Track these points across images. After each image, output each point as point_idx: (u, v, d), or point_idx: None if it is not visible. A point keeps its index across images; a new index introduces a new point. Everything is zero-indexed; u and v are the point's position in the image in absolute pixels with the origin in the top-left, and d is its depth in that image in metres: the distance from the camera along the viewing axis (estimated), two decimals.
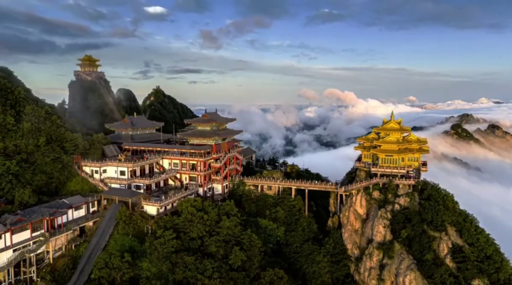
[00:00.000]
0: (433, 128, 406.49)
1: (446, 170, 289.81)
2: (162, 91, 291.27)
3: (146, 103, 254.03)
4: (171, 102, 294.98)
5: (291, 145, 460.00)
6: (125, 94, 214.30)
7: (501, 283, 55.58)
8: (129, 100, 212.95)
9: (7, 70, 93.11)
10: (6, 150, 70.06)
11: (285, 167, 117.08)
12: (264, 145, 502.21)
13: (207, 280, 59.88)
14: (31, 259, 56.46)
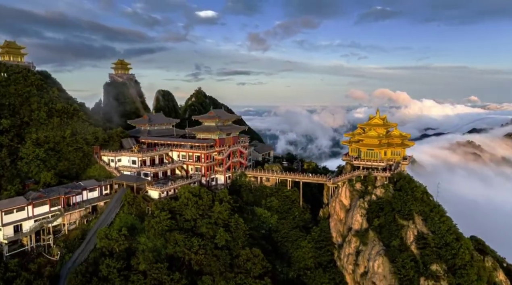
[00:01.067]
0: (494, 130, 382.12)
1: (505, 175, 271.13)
2: (203, 92, 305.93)
3: (187, 103, 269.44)
4: (212, 103, 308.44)
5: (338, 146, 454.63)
6: (163, 95, 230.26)
7: (457, 268, 57.71)
8: (167, 100, 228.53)
9: (46, 73, 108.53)
10: (38, 140, 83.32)
11: (301, 163, 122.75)
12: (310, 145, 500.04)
13: (193, 255, 68.04)
14: (49, 229, 68.19)
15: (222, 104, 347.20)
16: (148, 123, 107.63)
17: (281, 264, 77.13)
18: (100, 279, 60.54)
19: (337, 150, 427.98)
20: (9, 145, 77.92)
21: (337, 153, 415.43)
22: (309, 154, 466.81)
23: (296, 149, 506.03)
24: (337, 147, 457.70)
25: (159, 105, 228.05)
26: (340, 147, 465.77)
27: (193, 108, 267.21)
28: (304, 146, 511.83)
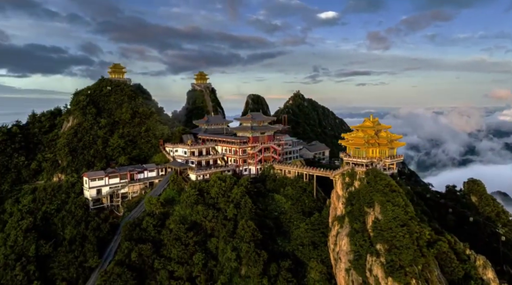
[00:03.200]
0: None
1: None
2: (301, 95, 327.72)
3: (284, 106, 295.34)
4: (311, 105, 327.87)
5: (473, 153, 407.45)
6: (253, 99, 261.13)
7: (393, 248, 66.11)
8: (256, 103, 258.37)
9: (138, 86, 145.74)
10: (123, 134, 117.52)
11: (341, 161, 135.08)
12: (434, 150, 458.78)
13: (207, 222, 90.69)
14: (118, 194, 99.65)
15: (322, 107, 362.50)
16: (206, 123, 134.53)
17: (283, 240, 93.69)
18: (141, 229, 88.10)
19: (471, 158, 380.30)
20: (103, 137, 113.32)
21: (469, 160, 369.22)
22: (434, 160, 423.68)
23: (418, 153, 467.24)
24: (472, 154, 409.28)
25: (248, 109, 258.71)
26: (476, 154, 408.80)
27: (287, 111, 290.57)
28: (428, 151, 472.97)
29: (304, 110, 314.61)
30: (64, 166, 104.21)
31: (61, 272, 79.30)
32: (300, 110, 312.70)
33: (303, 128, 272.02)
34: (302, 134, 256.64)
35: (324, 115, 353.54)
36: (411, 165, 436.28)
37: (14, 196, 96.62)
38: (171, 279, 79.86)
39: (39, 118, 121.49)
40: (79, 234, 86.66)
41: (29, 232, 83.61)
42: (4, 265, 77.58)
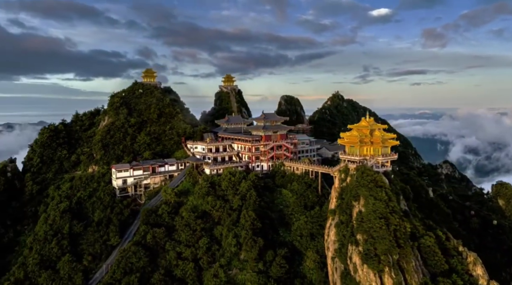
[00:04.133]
0: None
1: None
2: (340, 95, 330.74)
3: (322, 107, 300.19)
4: (350, 106, 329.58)
5: None
6: (286, 100, 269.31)
7: (370, 238, 70.74)
8: (289, 104, 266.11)
9: (168, 88, 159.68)
10: (149, 132, 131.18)
11: None
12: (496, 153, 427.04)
13: (215, 211, 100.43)
14: (141, 184, 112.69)
15: (363, 107, 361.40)
16: (226, 123, 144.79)
17: (284, 231, 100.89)
18: (157, 215, 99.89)
19: None
20: (132, 134, 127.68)
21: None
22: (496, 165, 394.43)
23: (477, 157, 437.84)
24: None
25: (280, 109, 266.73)
26: None
27: (323, 111, 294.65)
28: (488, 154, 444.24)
29: (342, 111, 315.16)
30: (97, 159, 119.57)
31: (88, 248, 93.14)
32: (338, 111, 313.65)
33: (339, 129, 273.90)
34: (337, 135, 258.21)
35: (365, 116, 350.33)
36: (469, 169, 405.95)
37: (56, 183, 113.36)
38: (179, 259, 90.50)
39: (81, 118, 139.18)
40: (105, 217, 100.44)
41: (65, 213, 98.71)
42: (44, 239, 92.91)
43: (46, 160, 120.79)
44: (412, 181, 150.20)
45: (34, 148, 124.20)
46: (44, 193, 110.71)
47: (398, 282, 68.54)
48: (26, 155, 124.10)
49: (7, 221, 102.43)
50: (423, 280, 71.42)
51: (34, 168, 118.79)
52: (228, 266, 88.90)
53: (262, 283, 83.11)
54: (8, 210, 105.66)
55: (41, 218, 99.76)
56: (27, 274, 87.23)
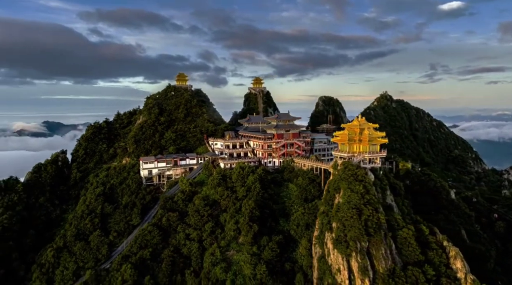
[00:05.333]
0: None
1: None
2: (388, 96, 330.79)
3: (369, 107, 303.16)
4: (400, 106, 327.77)
5: None
6: (324, 101, 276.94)
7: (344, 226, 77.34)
8: (327, 105, 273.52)
9: (198, 91, 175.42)
10: (176, 129, 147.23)
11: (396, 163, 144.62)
12: None
13: (222, 200, 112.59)
14: (164, 175, 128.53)
15: (416, 108, 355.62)
16: (247, 122, 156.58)
17: (284, 221, 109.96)
18: (173, 201, 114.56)
19: None
20: (160, 131, 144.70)
21: None
22: None
23: None
24: None
25: (317, 110, 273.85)
26: None
27: (368, 112, 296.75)
28: None
29: (389, 111, 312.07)
30: (130, 152, 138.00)
31: (114, 226, 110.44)
32: (385, 111, 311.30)
33: (383, 130, 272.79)
34: None
35: (418, 117, 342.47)
36: None
37: (96, 171, 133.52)
38: (187, 239, 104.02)
39: (121, 117, 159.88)
40: (131, 201, 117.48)
41: (99, 197, 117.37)
42: (81, 216, 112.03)
43: (89, 152, 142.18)
44: (432, 182, 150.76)
45: (80, 142, 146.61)
46: (86, 180, 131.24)
47: (363, 266, 75.07)
48: (74, 147, 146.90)
49: (56, 201, 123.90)
50: (391, 266, 76.97)
51: (79, 159, 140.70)
52: (227, 247, 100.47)
53: (253, 263, 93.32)
54: (57, 192, 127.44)
55: (81, 200, 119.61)
56: (66, 243, 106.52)
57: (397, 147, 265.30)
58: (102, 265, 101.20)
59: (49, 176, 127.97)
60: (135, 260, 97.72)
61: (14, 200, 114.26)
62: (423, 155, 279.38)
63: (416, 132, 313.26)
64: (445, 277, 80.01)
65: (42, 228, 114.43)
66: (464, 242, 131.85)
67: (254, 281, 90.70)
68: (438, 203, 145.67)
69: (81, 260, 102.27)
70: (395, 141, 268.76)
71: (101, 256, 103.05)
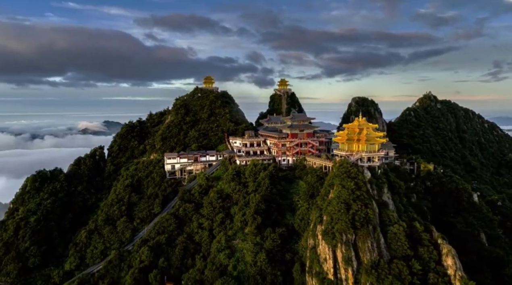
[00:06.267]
0: None
1: None
2: (431, 96, 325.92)
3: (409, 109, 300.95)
4: (446, 107, 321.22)
5: None
6: (357, 101, 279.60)
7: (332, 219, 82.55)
8: (361, 105, 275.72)
9: (224, 93, 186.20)
10: (200, 128, 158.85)
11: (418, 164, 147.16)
12: None
13: (234, 194, 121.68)
14: (186, 170, 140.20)
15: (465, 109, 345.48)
16: (267, 122, 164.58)
17: (290, 215, 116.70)
18: (190, 194, 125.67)
19: None
20: (185, 130, 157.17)
21: None
22: None
23: None
24: None
25: (350, 110, 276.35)
26: None
27: (407, 113, 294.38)
28: None
29: (432, 112, 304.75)
30: (157, 149, 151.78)
31: (138, 213, 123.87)
32: (427, 112, 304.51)
33: (423, 131, 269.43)
34: (418, 138, 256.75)
35: (467, 118, 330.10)
36: None
37: (127, 165, 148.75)
38: (199, 228, 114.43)
39: (153, 117, 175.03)
40: (154, 192, 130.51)
41: (127, 187, 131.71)
42: (110, 204, 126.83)
43: (122, 148, 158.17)
44: (453, 183, 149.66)
45: (116, 138, 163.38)
46: (118, 172, 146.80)
47: (347, 256, 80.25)
48: (110, 143, 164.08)
49: (92, 190, 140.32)
50: (376, 259, 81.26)
51: (113, 154, 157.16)
52: (234, 236, 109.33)
53: (255, 251, 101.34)
54: (93, 182, 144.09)
55: (112, 190, 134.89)
56: (96, 226, 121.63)
57: (438, 149, 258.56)
58: (125, 247, 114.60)
59: (87, 168, 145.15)
60: (153, 243, 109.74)
61: (57, 188, 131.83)
62: (469, 158, 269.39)
63: (464, 134, 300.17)
64: (433, 273, 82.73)
65: (79, 213, 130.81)
66: (482, 245, 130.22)
67: (255, 268, 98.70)
68: (458, 205, 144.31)
69: (108, 241, 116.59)
70: (436, 144, 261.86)
71: (125, 239, 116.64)
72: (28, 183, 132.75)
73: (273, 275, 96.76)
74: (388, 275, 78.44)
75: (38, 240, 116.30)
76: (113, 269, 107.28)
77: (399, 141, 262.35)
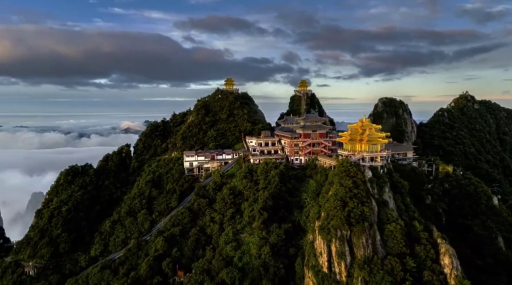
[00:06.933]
0: None
1: None
2: (468, 96, 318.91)
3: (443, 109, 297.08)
4: (485, 108, 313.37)
5: None
6: (384, 102, 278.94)
7: (328, 216, 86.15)
8: (388, 106, 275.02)
9: (244, 94, 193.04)
10: (218, 128, 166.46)
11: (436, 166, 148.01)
12: None
13: (245, 191, 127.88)
14: (203, 167, 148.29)
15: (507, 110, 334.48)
16: (283, 122, 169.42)
17: (298, 212, 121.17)
18: (205, 190, 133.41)
19: None
20: (204, 130, 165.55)
21: None
22: None
23: None
24: None
25: (376, 111, 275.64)
26: None
27: (440, 114, 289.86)
28: None
29: (468, 113, 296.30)
30: (178, 147, 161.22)
31: (157, 207, 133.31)
32: (463, 113, 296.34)
33: (457, 132, 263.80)
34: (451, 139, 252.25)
35: (509, 120, 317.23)
36: None
37: (149, 162, 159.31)
38: (211, 221, 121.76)
39: (176, 117, 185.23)
40: (173, 188, 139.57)
41: (148, 183, 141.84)
42: (133, 197, 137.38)
43: (146, 146, 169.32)
44: (472, 186, 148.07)
45: (141, 137, 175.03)
46: (141, 168, 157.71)
47: (341, 251, 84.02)
48: (136, 142, 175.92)
49: (117, 184, 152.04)
50: (370, 254, 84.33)
51: (138, 151, 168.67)
52: (242, 230, 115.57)
53: (260, 245, 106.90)
54: (119, 177, 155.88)
55: (135, 185, 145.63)
56: (119, 217, 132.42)
57: (472, 151, 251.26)
58: (144, 237, 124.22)
59: (114, 164, 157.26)
60: (167, 234, 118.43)
61: (86, 182, 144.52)
62: (508, 161, 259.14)
63: (505, 136, 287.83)
64: (428, 271, 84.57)
65: (105, 205, 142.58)
66: (499, 249, 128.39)
67: (259, 260, 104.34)
68: (477, 208, 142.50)
69: (129, 231, 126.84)
70: (471, 145, 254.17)
71: (144, 229, 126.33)
72: (62, 176, 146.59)
73: (276, 267, 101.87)
74: (380, 270, 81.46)
75: (69, 228, 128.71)
76: (132, 257, 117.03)
77: (429, 142, 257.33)
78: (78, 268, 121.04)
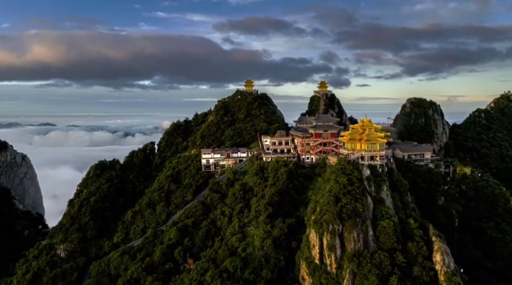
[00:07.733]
0: None
1: None
2: (510, 96, 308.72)
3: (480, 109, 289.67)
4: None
5: None
6: (413, 102, 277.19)
7: (321, 210, 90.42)
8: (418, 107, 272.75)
9: (263, 95, 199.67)
10: (236, 128, 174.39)
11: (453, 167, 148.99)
12: None
13: (255, 187, 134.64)
14: (219, 164, 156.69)
15: None
16: (299, 122, 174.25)
17: (304, 208, 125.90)
18: (218, 185, 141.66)
19: None
20: (222, 129, 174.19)
21: None
22: None
23: None
24: None
25: (404, 112, 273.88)
26: None
27: (477, 114, 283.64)
28: None
29: (510, 114, 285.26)
30: (197, 145, 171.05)
31: (174, 200, 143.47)
32: (503, 114, 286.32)
33: (493, 134, 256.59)
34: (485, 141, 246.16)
35: None
36: None
37: (171, 159, 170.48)
38: (221, 215, 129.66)
39: (197, 117, 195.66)
40: (189, 183, 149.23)
41: (168, 178, 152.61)
42: (153, 191, 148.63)
43: (169, 144, 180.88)
44: (489, 188, 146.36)
45: (164, 136, 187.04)
46: (163, 165, 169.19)
47: (331, 244, 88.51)
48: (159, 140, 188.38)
49: (141, 179, 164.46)
50: (360, 248, 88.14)
51: (161, 148, 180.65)
52: (248, 224, 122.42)
53: (263, 237, 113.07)
54: (142, 172, 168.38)
55: (156, 179, 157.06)
56: (140, 209, 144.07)
57: (510, 154, 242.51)
58: (160, 227, 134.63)
59: (138, 160, 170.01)
60: (181, 225, 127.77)
61: (113, 175, 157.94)
62: None
63: None
64: (418, 266, 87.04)
65: (129, 197, 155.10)
66: None
67: (261, 251, 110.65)
68: (493, 210, 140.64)
69: (148, 221, 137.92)
70: (509, 148, 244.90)
71: (161, 220, 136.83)
72: (91, 170, 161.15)
73: (277, 259, 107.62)
74: (368, 263, 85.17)
75: (95, 216, 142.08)
76: (148, 244, 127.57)
77: (463, 144, 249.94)
78: (102, 252, 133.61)
